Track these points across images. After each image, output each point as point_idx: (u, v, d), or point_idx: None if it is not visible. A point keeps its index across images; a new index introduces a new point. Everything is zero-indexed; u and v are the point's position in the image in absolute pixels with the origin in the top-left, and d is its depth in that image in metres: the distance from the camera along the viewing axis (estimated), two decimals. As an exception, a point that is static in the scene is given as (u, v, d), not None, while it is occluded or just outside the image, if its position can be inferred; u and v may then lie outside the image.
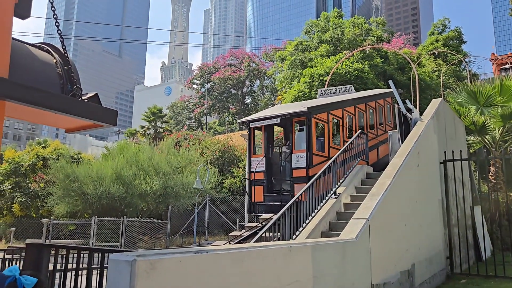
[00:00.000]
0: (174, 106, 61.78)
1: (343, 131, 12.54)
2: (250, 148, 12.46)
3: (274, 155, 12.37)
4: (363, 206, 6.33)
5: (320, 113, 11.53)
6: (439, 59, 36.52)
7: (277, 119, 11.43)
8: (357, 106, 13.38)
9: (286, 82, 33.23)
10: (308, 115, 11.03)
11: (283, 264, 3.93)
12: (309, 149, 10.89)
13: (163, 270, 2.68)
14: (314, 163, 10.84)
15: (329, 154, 11.44)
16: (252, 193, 11.97)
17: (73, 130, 4.93)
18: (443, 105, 11.37)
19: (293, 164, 11.12)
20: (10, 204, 25.29)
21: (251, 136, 12.54)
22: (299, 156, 11.08)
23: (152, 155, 23.58)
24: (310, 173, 10.53)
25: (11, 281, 2.76)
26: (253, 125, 12.16)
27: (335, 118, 12.29)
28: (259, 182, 11.87)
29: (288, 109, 11.77)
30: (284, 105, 14.23)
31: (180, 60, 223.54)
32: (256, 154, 12.63)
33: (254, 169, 12.00)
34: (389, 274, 6.33)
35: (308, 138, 11.00)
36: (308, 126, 11.02)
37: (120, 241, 19.68)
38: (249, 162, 12.32)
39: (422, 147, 8.79)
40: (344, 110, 12.67)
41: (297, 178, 10.92)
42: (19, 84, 3.55)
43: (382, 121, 14.84)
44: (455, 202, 10.02)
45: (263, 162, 11.92)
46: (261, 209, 11.62)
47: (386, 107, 15.49)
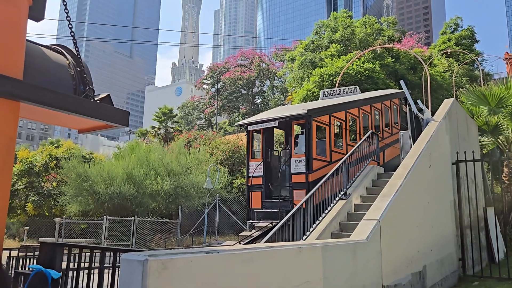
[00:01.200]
0: (185, 106, 62.07)
1: (346, 134, 12.08)
2: (249, 152, 12.10)
3: (274, 159, 11.96)
4: (374, 207, 6.29)
5: (321, 116, 11.07)
6: (451, 58, 36.11)
7: (275, 122, 10.98)
8: (361, 108, 12.93)
9: (296, 82, 33.16)
10: (308, 118, 10.57)
11: (293, 264, 3.93)
12: (309, 154, 10.45)
13: (174, 270, 2.70)
14: (314, 168, 10.42)
15: (330, 159, 11.08)
16: (250, 199, 11.54)
17: (85, 130, 4.99)
18: (455, 105, 11.25)
19: (292, 169, 10.70)
20: (24, 203, 25.66)
21: (249, 139, 12.15)
22: (298, 161, 10.67)
23: (162, 155, 23.73)
24: (309, 179, 10.21)
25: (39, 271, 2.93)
26: (251, 128, 11.67)
27: (338, 120, 11.85)
28: (257, 187, 11.42)
29: (287, 112, 11.34)
30: (284, 107, 13.81)
31: (190, 61, 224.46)
32: (255, 158, 12.22)
33: (252, 173, 11.57)
34: (400, 275, 6.28)
35: (308, 142, 10.55)
36: (308, 129, 10.56)
37: (131, 240, 19.84)
38: (247, 166, 11.95)
39: (434, 147, 8.71)
40: (347, 112, 12.21)
41: (296, 184, 10.51)
42: (33, 86, 3.60)
43: (389, 123, 14.42)
44: (467, 203, 9.90)
45: (262, 167, 11.49)
46: (259, 216, 11.16)
47: (393, 109, 14.99)
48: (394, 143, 14.11)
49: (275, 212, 10.52)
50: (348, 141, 12.14)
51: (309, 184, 10.04)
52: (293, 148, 11.08)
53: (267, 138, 12.22)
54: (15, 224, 26.31)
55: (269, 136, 12.48)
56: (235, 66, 54.72)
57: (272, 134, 12.76)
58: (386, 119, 14.38)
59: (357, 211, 9.20)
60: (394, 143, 14.10)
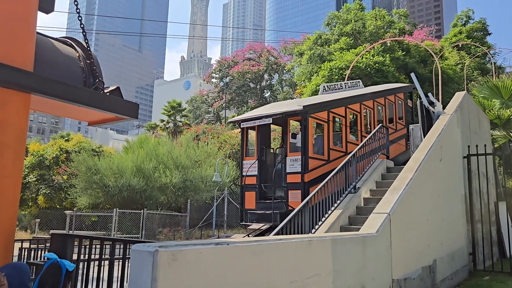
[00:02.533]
0: (193, 100, 62.18)
1: (347, 131, 11.54)
2: (243, 150, 11.56)
3: (270, 158, 11.37)
4: (384, 201, 6.25)
5: (319, 112, 10.50)
6: (463, 51, 35.63)
7: (269, 119, 10.40)
8: (363, 103, 12.34)
9: (305, 76, 33.00)
10: (304, 115, 10.00)
11: (303, 257, 3.92)
12: (305, 152, 9.90)
13: (184, 261, 2.70)
14: (310, 167, 9.88)
15: (328, 157, 10.58)
16: (244, 199, 10.99)
17: (95, 123, 5.01)
18: (467, 99, 11.10)
19: (288, 169, 10.14)
20: (35, 196, 25.98)
21: (243, 136, 11.59)
22: (294, 160, 10.08)
23: (171, 149, 23.83)
24: (305, 179, 9.73)
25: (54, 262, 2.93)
26: (244, 125, 11.08)
27: (337, 116, 11.29)
28: (251, 187, 10.83)
29: (282, 108, 10.78)
30: (279, 103, 12.92)
31: (199, 54, 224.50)
32: (250, 156, 11.56)
33: (246, 172, 11.01)
34: (410, 269, 6.25)
35: (304, 140, 9.97)
36: (304, 127, 10.00)
37: (140, 233, 20.00)
38: (241, 165, 11.43)
39: (445, 141, 8.61)
40: (347, 107, 11.62)
41: (291, 184, 9.96)
42: (43, 78, 3.62)
43: (393, 119, 13.84)
44: (478, 198, 9.81)
45: (256, 165, 10.91)
46: (252, 217, 10.56)
47: (397, 104, 14.34)
48: (399, 139, 13.58)
49: (269, 214, 10.02)
50: (349, 139, 11.63)
51: (305, 184, 9.60)
52: (288, 146, 10.54)
53: (263, 135, 11.69)
54: (27, 216, 26.67)
55: (265, 133, 11.92)
56: (243, 59, 54.58)
57: (268, 131, 12.22)
58: (390, 114, 13.84)
59: (366, 205, 9.16)
60: (399, 140, 13.57)
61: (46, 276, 2.91)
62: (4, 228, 3.37)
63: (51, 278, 2.89)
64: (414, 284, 6.26)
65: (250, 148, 11.80)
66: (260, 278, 3.34)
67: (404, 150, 13.83)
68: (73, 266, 3.03)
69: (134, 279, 2.63)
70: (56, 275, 2.91)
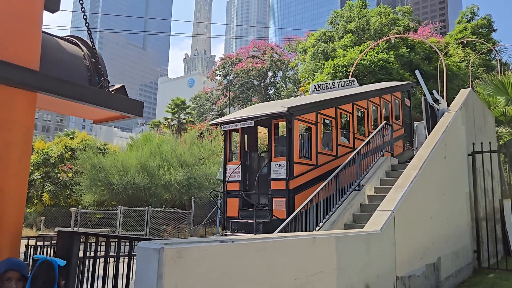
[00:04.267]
0: (197, 98, 62.21)
1: (337, 134, 10.89)
2: (226, 154, 10.91)
3: (255, 163, 10.66)
4: (388, 198, 6.25)
5: (306, 114, 9.86)
6: (468, 48, 35.43)
7: (251, 121, 9.70)
8: (355, 104, 11.68)
9: (308, 73, 32.94)
10: (289, 117, 9.34)
11: (307, 254, 3.93)
12: (290, 157, 9.25)
13: (189, 258, 2.72)
14: (296, 173, 9.27)
15: (317, 162, 9.98)
16: (226, 207, 10.40)
17: (100, 121, 5.04)
18: (471, 95, 11.06)
19: (272, 175, 9.49)
20: (40, 193, 26.14)
21: (227, 140, 10.99)
22: (279, 165, 9.44)
23: (175, 146, 23.90)
24: (290, 186, 9.11)
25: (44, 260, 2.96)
26: (226, 127, 10.47)
27: (326, 118, 10.65)
28: (233, 194, 10.19)
29: (266, 110, 10.16)
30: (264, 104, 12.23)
31: (203, 52, 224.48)
32: (233, 160, 10.90)
33: (228, 178, 10.39)
34: (414, 267, 6.25)
35: (289, 144, 9.33)
36: (289, 130, 9.36)
37: (145, 230, 20.09)
38: (224, 170, 10.79)
39: (449, 138, 8.59)
40: (338, 108, 10.96)
41: (276, 191, 9.32)
42: (49, 77, 3.64)
43: (389, 119, 13.15)
44: (483, 195, 9.77)
45: (239, 171, 10.26)
46: (235, 226, 9.95)
47: (394, 103, 13.63)
48: (395, 140, 12.77)
49: (252, 223, 9.42)
50: (340, 141, 11.02)
51: (290, 191, 9.04)
52: (273, 150, 9.83)
53: (249, 138, 11.15)
54: (32, 214, 26.84)
55: (251, 136, 11.30)
56: (247, 57, 54.52)
57: (254, 134, 11.48)
58: (386, 114, 13.25)
59: (371, 202, 9.16)
60: (396, 141, 12.74)
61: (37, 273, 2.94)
62: (11, 225, 3.41)
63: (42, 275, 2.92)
64: (418, 281, 6.27)
65: (234, 152, 11.15)
66: (264, 275, 3.36)
67: (401, 151, 13.18)
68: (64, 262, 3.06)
69: (140, 276, 2.65)
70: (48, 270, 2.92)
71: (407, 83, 15.71)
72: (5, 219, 3.34)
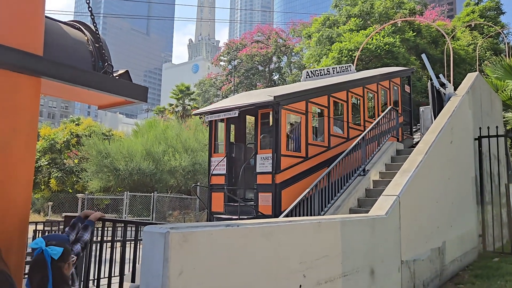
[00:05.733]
0: (202, 84, 62.04)
1: (329, 123, 10.28)
2: (211, 145, 10.38)
3: (241, 155, 10.17)
4: (394, 183, 6.24)
5: (294, 103, 9.28)
6: (475, 31, 34.89)
7: (235, 111, 9.13)
8: (350, 91, 11.06)
9: (314, 58, 32.67)
10: (276, 106, 8.75)
11: (312, 239, 3.95)
12: (277, 150, 8.70)
13: (195, 242, 2.74)
14: (283, 166, 8.75)
15: (307, 154, 9.46)
16: (210, 201, 9.90)
17: (105, 106, 5.04)
18: (479, 79, 10.93)
19: (258, 168, 9.00)
20: (47, 179, 26.39)
21: (212, 130, 10.38)
22: (265, 158, 8.91)
23: (180, 132, 23.93)
24: (277, 180, 8.63)
25: (39, 253, 2.84)
26: (210, 117, 9.94)
27: (318, 107, 10.10)
28: (218, 187, 9.70)
29: (251, 99, 9.52)
30: (249, 93, 11.57)
31: (207, 37, 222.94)
32: (218, 152, 10.29)
33: (213, 171, 9.89)
34: (419, 251, 6.27)
35: (276, 135, 8.75)
36: (275, 120, 8.77)
37: (151, 215, 20.28)
38: (209, 162, 10.28)
39: (456, 123, 8.52)
40: (331, 96, 10.35)
41: (261, 185, 8.83)
42: (53, 62, 3.63)
43: (386, 108, 12.44)
44: (489, 180, 9.74)
45: (224, 163, 9.74)
46: None
47: (393, 90, 13.01)
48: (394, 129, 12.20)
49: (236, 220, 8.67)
50: (332, 131, 10.40)
51: (276, 186, 8.57)
52: (259, 142, 9.33)
53: (236, 128, 10.69)
54: (40, 200, 27.16)
55: (239, 126, 10.79)
56: (251, 42, 54.10)
57: (242, 124, 10.97)
58: (383, 102, 12.71)
59: (376, 187, 9.17)
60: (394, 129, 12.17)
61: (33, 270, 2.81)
62: (19, 210, 3.44)
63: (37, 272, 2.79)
64: (423, 265, 6.30)
65: (219, 143, 10.53)
66: (269, 259, 3.38)
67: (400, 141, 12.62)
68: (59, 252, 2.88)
69: (146, 260, 2.68)
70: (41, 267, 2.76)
71: (407, 69, 15.01)
72: (13, 204, 3.37)
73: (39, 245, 2.89)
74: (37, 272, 2.78)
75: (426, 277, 6.38)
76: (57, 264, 2.82)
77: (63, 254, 2.91)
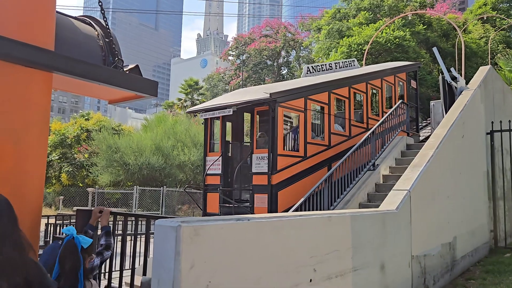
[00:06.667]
0: (210, 78, 62.06)
1: (330, 121, 9.89)
2: (206, 144, 9.97)
3: (237, 154, 9.86)
4: (404, 177, 6.20)
5: (292, 100, 8.85)
6: (488, 24, 34.36)
7: (229, 109, 8.73)
8: (352, 87, 10.63)
9: (323, 52, 32.47)
10: (272, 104, 8.34)
11: (322, 233, 3.94)
12: (273, 149, 8.32)
13: (206, 236, 2.75)
14: (279, 167, 8.38)
15: (305, 153, 9.10)
16: (206, 202, 9.62)
17: (115, 101, 5.06)
18: (491, 73, 10.77)
19: (254, 168, 8.64)
20: (58, 174, 26.69)
21: (207, 128, 9.97)
22: (261, 158, 8.53)
23: (189, 127, 24.01)
24: (273, 181, 8.25)
25: (70, 239, 2.96)
26: (204, 116, 9.56)
27: (318, 104, 9.70)
28: (214, 188, 9.39)
29: (247, 96, 9.12)
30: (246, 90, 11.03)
31: (215, 32, 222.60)
32: (214, 151, 9.92)
33: (208, 170, 9.56)
34: (430, 246, 6.23)
35: (272, 134, 8.35)
36: (272, 118, 8.38)
37: (160, 210, 20.43)
38: (204, 161, 9.89)
39: (467, 117, 8.43)
40: (332, 93, 9.95)
41: (257, 186, 8.48)
42: (65, 57, 3.65)
43: (392, 104, 12.13)
44: (501, 175, 9.63)
45: (220, 163, 9.39)
46: None
47: (398, 86, 12.59)
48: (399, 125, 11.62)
49: None
50: (333, 129, 10.00)
51: (272, 187, 8.23)
52: (255, 141, 9.00)
53: (234, 126, 10.38)
54: (51, 194, 27.48)
55: (236, 124, 10.45)
56: (260, 36, 53.94)
57: (239, 122, 10.60)
58: (388, 99, 12.28)
59: (386, 182, 9.12)
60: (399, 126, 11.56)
61: (65, 254, 2.93)
62: (32, 204, 3.48)
63: (69, 256, 2.91)
64: (433, 260, 6.26)
65: (215, 142, 10.17)
66: (279, 253, 3.38)
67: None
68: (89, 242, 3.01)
69: (158, 253, 2.69)
70: (73, 253, 2.90)
71: (413, 63, 14.53)
72: (26, 197, 3.41)
73: (71, 231, 3.01)
74: (69, 257, 2.89)
75: (436, 272, 6.34)
76: (82, 254, 2.93)
77: (91, 245, 3.04)
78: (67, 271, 2.85)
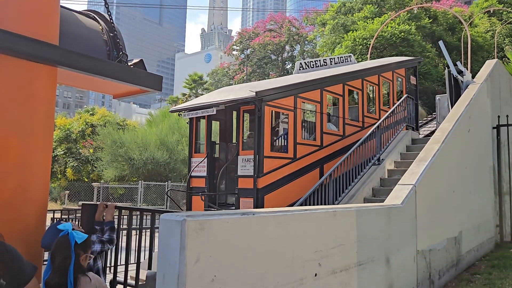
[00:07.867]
0: (214, 73, 61.94)
1: (322, 120, 9.34)
2: (191, 145, 9.52)
3: (224, 155, 9.36)
4: (410, 172, 6.17)
5: (280, 98, 8.33)
6: (494, 17, 33.99)
7: (212, 109, 8.23)
8: (347, 84, 10.12)
9: (327, 47, 32.30)
10: (258, 103, 7.83)
11: (327, 227, 3.94)
12: (259, 151, 7.82)
13: (211, 230, 2.75)
14: (266, 169, 7.87)
15: (295, 154, 8.58)
16: (190, 205, 9.16)
17: (120, 95, 5.06)
18: (498, 67, 10.68)
19: (239, 171, 8.19)
20: (64, 169, 26.82)
21: (192, 128, 9.49)
22: (246, 160, 8.11)
23: (194, 122, 23.96)
24: (259, 185, 7.76)
25: (64, 234, 2.96)
26: (186, 115, 9.06)
27: (309, 102, 9.28)
28: (198, 191, 8.93)
29: (231, 95, 8.56)
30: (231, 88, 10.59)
31: (219, 26, 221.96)
32: (199, 152, 9.41)
33: (192, 172, 9.17)
34: (436, 240, 6.21)
35: (258, 135, 7.86)
36: (258, 118, 7.88)
37: (165, 204, 20.49)
38: (189, 163, 9.47)
39: (474, 111, 8.36)
40: (324, 90, 9.39)
41: (243, 190, 8.03)
42: (69, 51, 3.65)
43: (389, 102, 11.69)
44: (507, 169, 9.57)
45: (205, 164, 8.92)
46: None
47: (396, 82, 12.11)
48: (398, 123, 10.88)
49: None
50: (325, 129, 9.49)
51: (258, 191, 7.78)
52: (240, 142, 8.49)
53: (222, 126, 10.02)
54: (56, 188, 27.65)
55: (224, 124, 10.04)
56: (264, 31, 53.71)
57: (228, 121, 10.11)
58: (385, 96, 11.93)
59: (391, 177, 9.09)
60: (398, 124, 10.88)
61: (56, 250, 2.93)
62: (38, 198, 3.50)
63: (59, 252, 2.91)
64: (439, 255, 6.24)
65: (200, 142, 9.67)
66: (285, 247, 3.38)
67: None
68: (83, 238, 3.00)
69: (163, 247, 2.70)
70: (64, 248, 2.89)
71: (413, 59, 13.99)
72: (32, 192, 3.43)
73: (66, 227, 3.01)
74: (60, 252, 2.89)
75: (442, 267, 6.32)
76: (76, 250, 2.90)
77: (86, 242, 3.02)
78: (56, 266, 2.85)
